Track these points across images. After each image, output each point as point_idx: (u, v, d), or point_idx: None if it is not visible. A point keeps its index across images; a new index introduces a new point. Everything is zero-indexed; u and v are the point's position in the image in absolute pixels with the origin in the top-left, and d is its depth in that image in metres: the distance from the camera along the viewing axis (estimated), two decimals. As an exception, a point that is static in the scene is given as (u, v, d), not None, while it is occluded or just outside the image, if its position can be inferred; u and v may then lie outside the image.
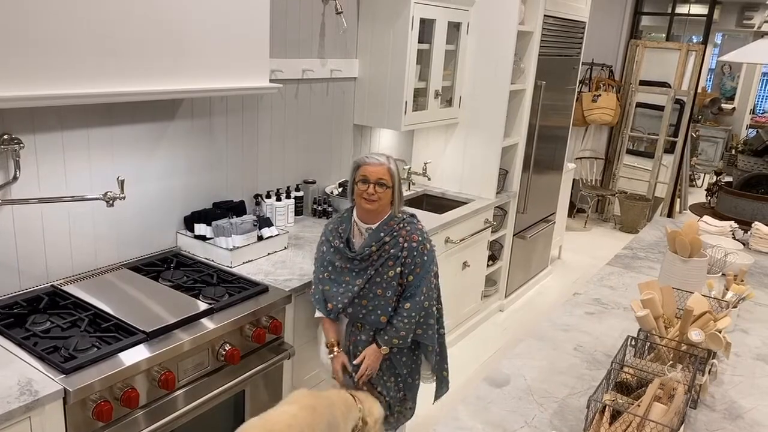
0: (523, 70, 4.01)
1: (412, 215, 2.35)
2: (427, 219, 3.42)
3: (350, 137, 3.61)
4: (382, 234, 2.23)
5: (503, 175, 4.12)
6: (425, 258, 2.25)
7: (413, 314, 2.24)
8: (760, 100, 11.42)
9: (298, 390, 2.04)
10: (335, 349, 2.32)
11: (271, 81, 2.53)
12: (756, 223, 3.36)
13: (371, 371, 2.27)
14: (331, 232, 2.34)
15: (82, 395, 1.70)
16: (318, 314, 2.37)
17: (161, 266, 2.50)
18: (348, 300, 2.26)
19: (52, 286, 2.22)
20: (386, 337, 2.25)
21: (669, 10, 6.79)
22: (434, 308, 2.33)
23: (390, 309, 2.25)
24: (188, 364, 2.02)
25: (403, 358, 2.36)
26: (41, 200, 2.12)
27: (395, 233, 2.24)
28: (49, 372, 1.72)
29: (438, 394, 2.51)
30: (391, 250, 2.22)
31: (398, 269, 2.22)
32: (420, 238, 2.26)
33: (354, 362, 2.29)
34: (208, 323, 2.08)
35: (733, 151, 5.08)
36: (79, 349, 1.82)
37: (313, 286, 2.39)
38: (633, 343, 1.84)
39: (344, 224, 2.33)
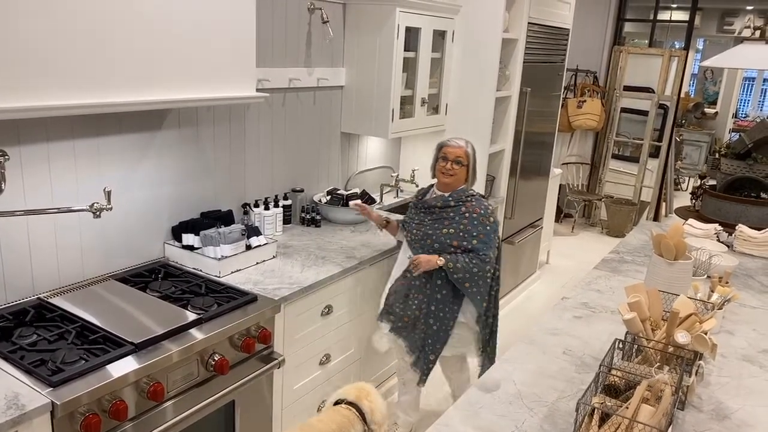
0: (508, 77, 4.05)
1: (482, 195, 2.73)
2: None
3: (338, 145, 3.62)
4: (450, 199, 2.65)
5: (490, 181, 4.14)
6: (487, 228, 2.61)
7: (473, 261, 2.57)
8: (742, 104, 11.59)
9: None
10: (386, 222, 2.87)
11: (257, 90, 2.54)
12: (740, 225, 3.41)
13: (418, 263, 2.58)
14: (415, 195, 2.89)
15: (70, 408, 1.68)
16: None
17: (149, 277, 2.48)
18: (416, 229, 2.70)
19: (38, 298, 2.20)
20: (447, 255, 2.58)
21: (651, 17, 6.88)
22: (488, 276, 2.64)
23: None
24: (177, 375, 2.01)
25: (438, 295, 2.63)
26: (27, 212, 2.10)
27: (461, 202, 2.64)
28: (37, 385, 1.71)
29: (483, 370, 2.76)
30: (451, 213, 2.63)
31: (451, 230, 2.60)
32: (482, 212, 2.62)
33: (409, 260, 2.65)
34: (196, 334, 2.07)
35: (717, 155, 5.14)
36: (66, 361, 1.80)
37: None
38: (620, 345, 1.85)
39: (424, 190, 2.85)
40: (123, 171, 2.44)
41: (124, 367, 1.83)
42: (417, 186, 4.10)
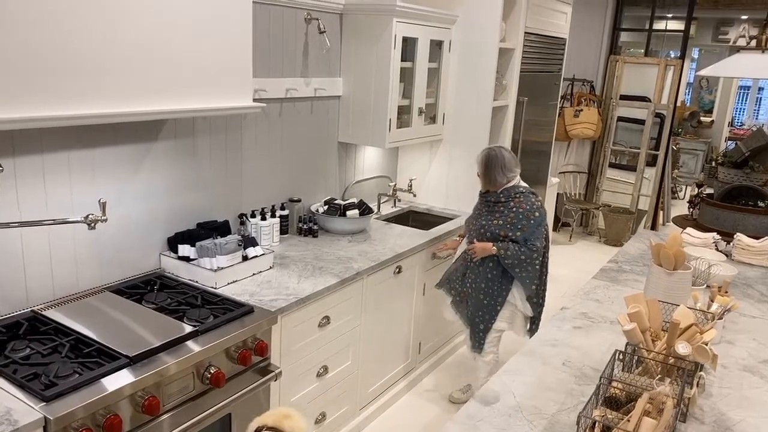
0: (505, 86, 4.05)
1: (533, 192, 3.06)
2: (413, 235, 3.42)
3: (335, 155, 3.61)
4: (501, 195, 3.03)
5: (488, 190, 4.13)
6: (531, 222, 2.96)
7: (521, 249, 2.93)
8: (737, 112, 11.63)
9: None
10: (460, 237, 3.35)
11: (254, 100, 2.53)
12: (738, 234, 3.40)
13: (475, 250, 3.01)
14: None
15: (63, 423, 1.65)
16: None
17: (144, 289, 2.46)
18: (474, 220, 3.14)
19: (32, 311, 2.17)
20: (500, 243, 2.96)
21: (647, 27, 6.91)
22: (537, 263, 2.97)
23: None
24: (173, 389, 1.98)
25: (489, 274, 3.01)
26: (21, 224, 2.08)
27: (511, 199, 3.00)
28: (29, 400, 1.68)
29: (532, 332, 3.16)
30: (502, 207, 3.01)
31: (500, 221, 2.99)
32: (528, 207, 2.98)
33: (467, 246, 3.11)
34: (192, 346, 2.05)
35: (714, 164, 5.14)
36: (60, 375, 1.78)
37: None
38: (621, 357, 1.84)
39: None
40: (118, 182, 2.43)
41: (118, 380, 1.81)
42: (414, 195, 4.11)
